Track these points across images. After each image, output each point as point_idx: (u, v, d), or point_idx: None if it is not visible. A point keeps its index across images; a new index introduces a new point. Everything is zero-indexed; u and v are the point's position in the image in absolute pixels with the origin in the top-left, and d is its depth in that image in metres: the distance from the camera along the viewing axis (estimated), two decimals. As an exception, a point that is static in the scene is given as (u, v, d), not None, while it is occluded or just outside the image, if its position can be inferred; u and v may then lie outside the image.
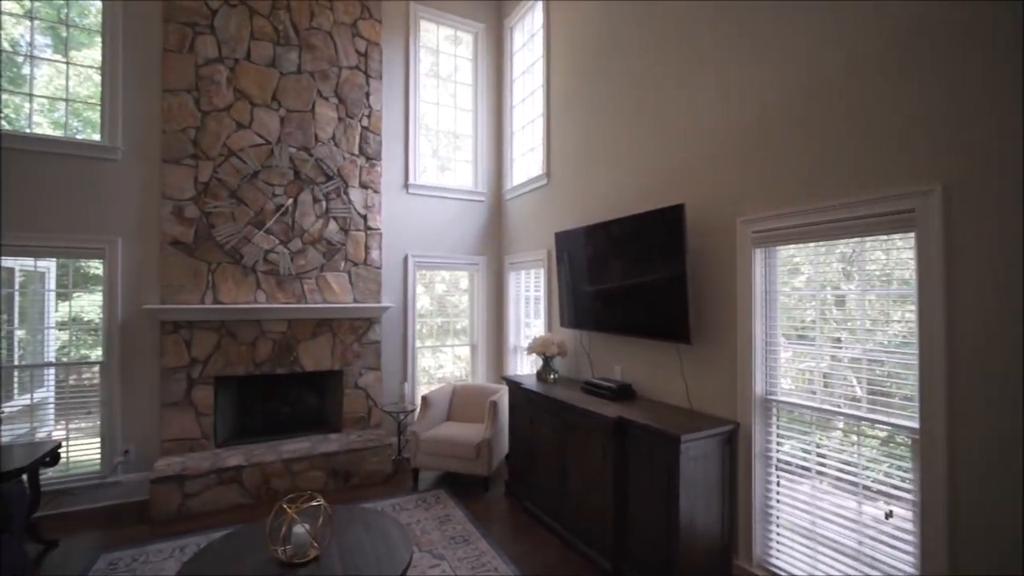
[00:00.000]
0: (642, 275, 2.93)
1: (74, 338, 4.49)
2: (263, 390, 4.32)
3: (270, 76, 4.09)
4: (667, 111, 3.02)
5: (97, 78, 3.79)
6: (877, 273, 2.12)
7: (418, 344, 4.89)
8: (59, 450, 3.19)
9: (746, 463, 2.46)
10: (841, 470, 2.17)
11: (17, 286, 3.71)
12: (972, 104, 1.71)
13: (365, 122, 4.47)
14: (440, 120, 5.09)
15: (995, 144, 1.65)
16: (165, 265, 3.77)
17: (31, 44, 3.67)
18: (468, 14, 5.10)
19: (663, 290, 2.75)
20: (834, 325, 2.28)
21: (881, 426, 2.05)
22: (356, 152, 4.42)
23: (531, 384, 3.64)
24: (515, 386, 3.78)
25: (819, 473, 2.25)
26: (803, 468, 2.32)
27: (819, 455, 2.26)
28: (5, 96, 3.54)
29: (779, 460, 2.42)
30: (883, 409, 2.04)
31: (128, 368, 3.73)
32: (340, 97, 4.36)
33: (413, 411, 4.51)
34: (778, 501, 2.41)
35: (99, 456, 3.70)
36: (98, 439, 3.72)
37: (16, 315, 3.70)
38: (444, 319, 5.25)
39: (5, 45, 3.53)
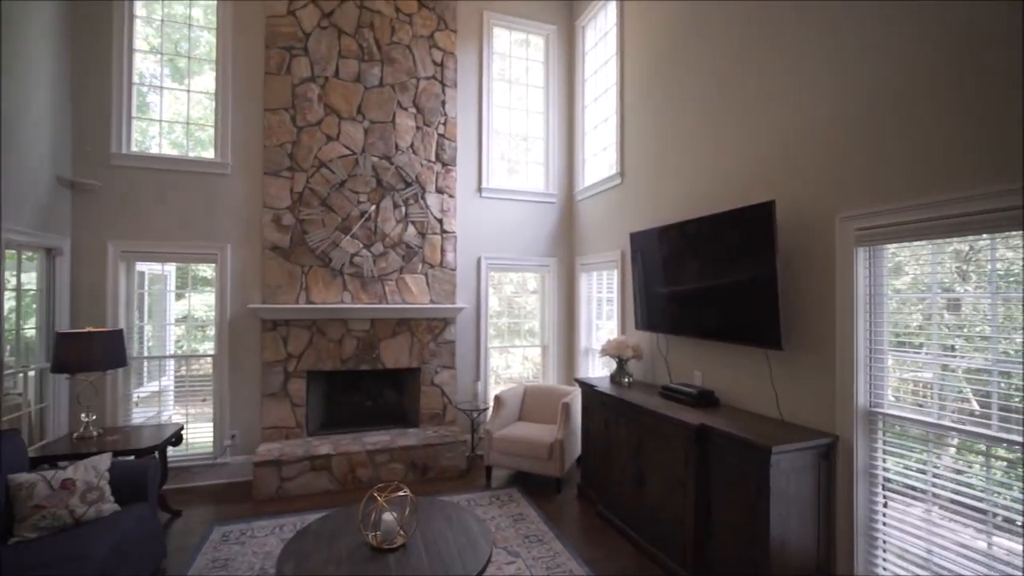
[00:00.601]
0: (726, 276, 2.79)
1: (187, 333, 5.08)
2: (348, 384, 4.63)
3: (355, 91, 4.37)
4: (754, 105, 2.86)
5: (207, 102, 4.25)
6: (1002, 273, 1.87)
7: (490, 344, 4.99)
8: (181, 432, 3.62)
9: (846, 480, 2.27)
10: (961, 493, 1.94)
11: (147, 287, 4.25)
12: None
13: (441, 129, 4.64)
14: (512, 123, 5.17)
15: None
16: (266, 268, 4.14)
17: (159, 76, 4.20)
18: (539, 17, 5.14)
19: (750, 292, 2.61)
20: (945, 331, 2.05)
21: (1011, 446, 1.80)
22: (433, 159, 4.60)
23: (605, 387, 3.59)
24: (588, 388, 3.76)
25: (935, 496, 2.03)
26: (915, 489, 2.10)
27: (935, 475, 2.04)
28: (135, 121, 4.06)
29: (885, 479, 2.21)
30: (1014, 427, 1.80)
31: (235, 361, 4.14)
32: (418, 107, 4.56)
33: (486, 410, 4.61)
34: (884, 524, 2.20)
35: (211, 439, 4.15)
36: (211, 424, 4.17)
37: (146, 313, 4.23)
38: (512, 320, 5.32)
39: (135, 78, 4.04)
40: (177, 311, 4.89)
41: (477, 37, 4.91)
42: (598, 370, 4.87)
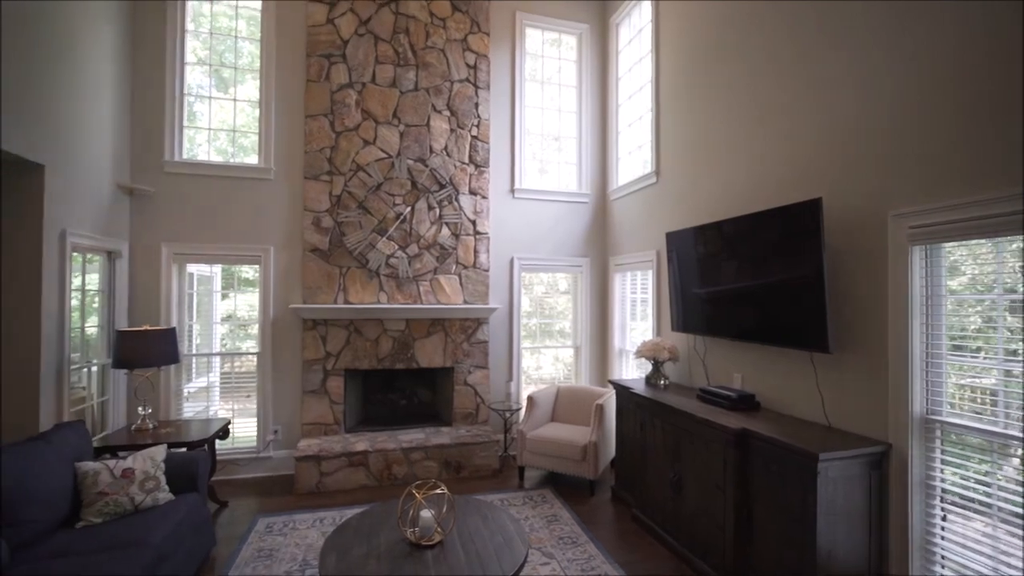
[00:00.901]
0: (768, 277, 2.71)
1: (230, 332, 5.31)
2: (384, 383, 4.73)
3: (391, 95, 4.46)
4: (800, 100, 2.76)
5: (248, 109, 4.43)
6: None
7: (524, 345, 5.00)
8: (228, 426, 3.78)
9: (900, 491, 2.16)
10: (1033, 509, 1.82)
11: (196, 288, 4.46)
12: None
13: (474, 131, 4.69)
14: (544, 123, 5.17)
15: None
16: (306, 270, 4.28)
17: (205, 86, 4.40)
18: (572, 16, 5.12)
19: (794, 293, 2.52)
20: (1008, 335, 1.92)
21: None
22: (466, 160, 4.65)
23: (640, 389, 3.54)
24: (623, 390, 3.71)
25: (999, 510, 1.90)
26: (977, 502, 1.98)
27: (1000, 488, 1.91)
28: (185, 130, 4.27)
29: (943, 490, 2.09)
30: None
31: (277, 359, 4.29)
32: (452, 109, 4.62)
33: (518, 410, 4.62)
34: (943, 538, 2.08)
35: (255, 434, 4.31)
36: (255, 419, 4.34)
37: (194, 312, 4.44)
38: (542, 321, 5.31)
39: (186, 89, 4.26)
40: (222, 311, 5.11)
41: (509, 38, 4.93)
42: (631, 372, 4.80)
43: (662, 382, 3.60)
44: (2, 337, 2.88)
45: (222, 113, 4.46)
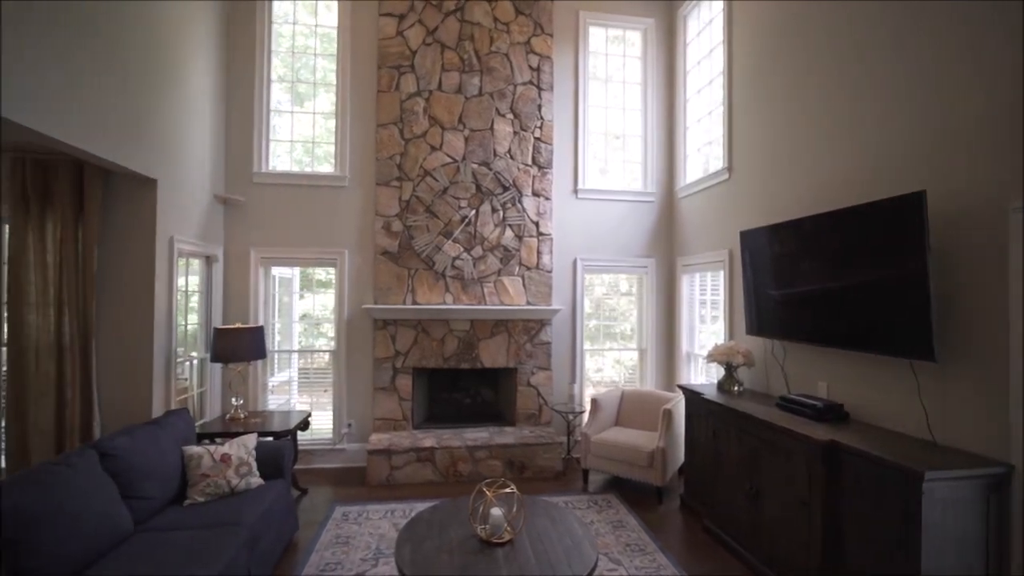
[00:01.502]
0: (860, 278, 2.50)
1: (305, 330, 5.66)
2: (449, 382, 4.85)
3: (457, 101, 4.58)
4: (892, 85, 2.53)
5: (321, 121, 4.71)
6: None
7: (586, 346, 4.95)
8: (308, 419, 4.04)
9: (1024, 518, 1.92)
10: None
11: (277, 288, 4.80)
12: None
13: (537, 133, 4.71)
14: (607, 122, 5.09)
15: None
16: (377, 272, 4.49)
17: (283, 102, 4.74)
18: (637, 11, 5.01)
19: (892, 296, 2.31)
20: None
21: None
22: (529, 162, 4.68)
23: (712, 394, 3.39)
24: (693, 395, 3.57)
25: None
26: None
27: None
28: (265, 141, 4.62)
29: (1081, 521, 1.83)
30: None
31: (351, 356, 4.53)
32: (515, 112, 4.67)
33: (582, 412, 4.57)
34: (1080, 575, 1.82)
35: (331, 426, 4.58)
36: (330, 412, 4.61)
37: (276, 311, 4.78)
38: (602, 322, 5.22)
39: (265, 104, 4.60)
40: (299, 310, 5.47)
41: (573, 39, 4.91)
42: (699, 376, 4.62)
43: (736, 388, 3.43)
44: (123, 333, 3.25)
45: (299, 126, 4.78)
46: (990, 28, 2.08)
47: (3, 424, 3.06)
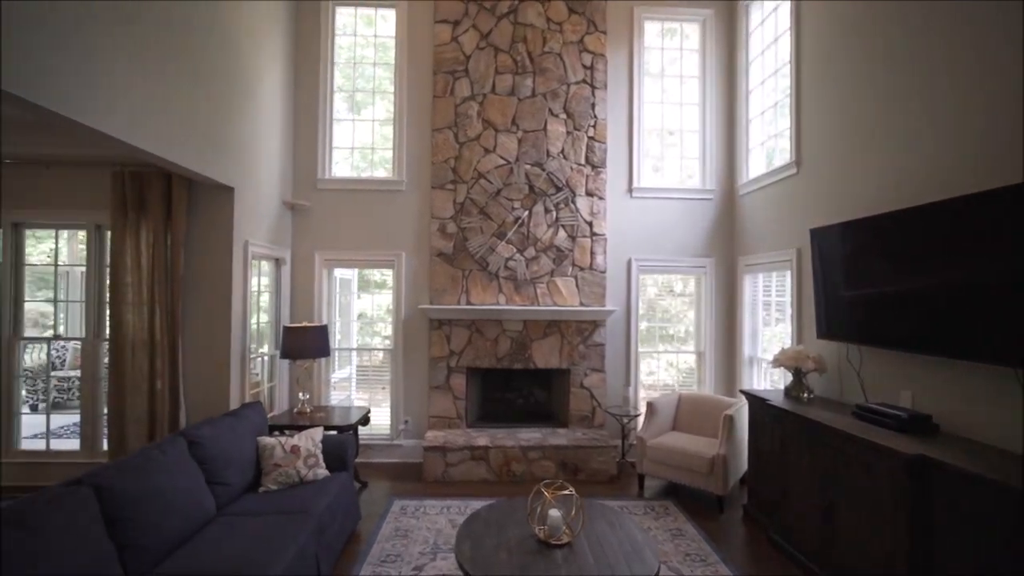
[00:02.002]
0: (958, 278, 2.29)
1: (361, 329, 5.88)
2: (501, 382, 4.89)
3: (510, 103, 4.61)
4: (988, 62, 2.30)
5: (377, 128, 4.87)
6: None
7: (641, 349, 4.84)
8: (368, 415, 4.20)
9: None
10: None
11: (338, 289, 5.02)
12: None
13: (591, 132, 4.66)
14: (663, 119, 4.96)
15: None
16: (432, 273, 4.60)
17: (342, 110, 4.95)
18: (694, 3, 4.85)
19: (996, 298, 2.10)
20: None
21: None
22: (582, 162, 4.64)
23: (778, 401, 3.22)
24: (758, 401, 3.41)
25: None
26: None
27: None
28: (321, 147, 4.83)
29: None
30: None
31: (407, 355, 4.67)
32: (568, 112, 4.64)
33: (637, 416, 4.47)
34: None
35: (388, 423, 4.73)
36: (387, 409, 4.76)
37: (337, 311, 5.00)
38: (654, 324, 5.07)
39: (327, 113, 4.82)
40: (357, 310, 5.70)
41: (627, 35, 4.82)
42: (761, 382, 4.40)
43: (805, 395, 3.24)
44: (204, 330, 3.52)
45: (356, 133, 4.97)
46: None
47: (106, 412, 3.39)
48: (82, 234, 4.02)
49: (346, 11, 4.85)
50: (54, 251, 4.35)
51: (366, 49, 4.94)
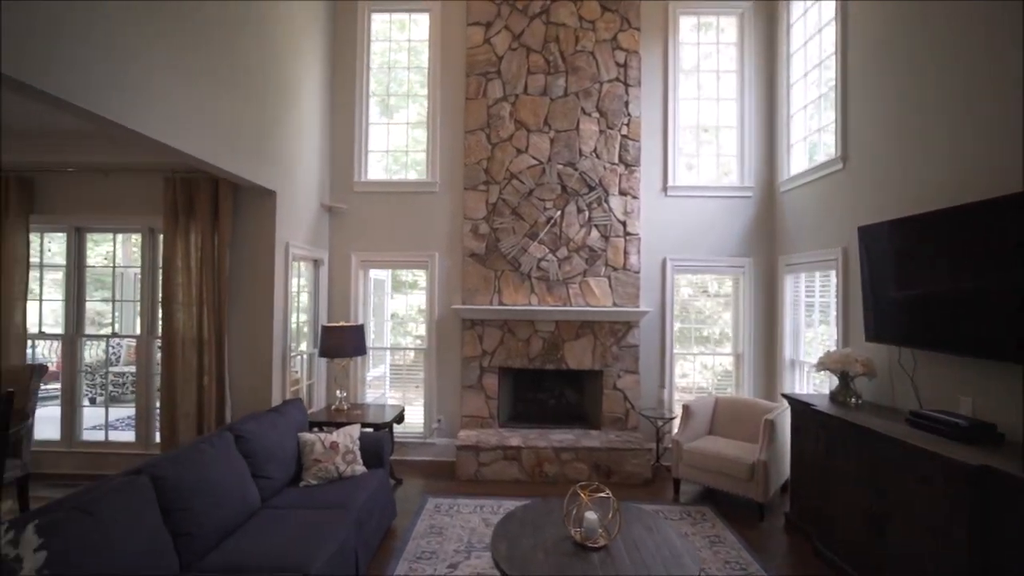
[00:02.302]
0: None
1: (394, 328, 5.98)
2: (533, 382, 4.89)
3: (542, 104, 4.60)
4: (1064, 47, 2.14)
5: (409, 131, 4.94)
6: None
7: (676, 350, 4.74)
8: (403, 413, 4.26)
9: None
10: None
11: (372, 290, 5.12)
12: None
13: (624, 130, 4.60)
14: (699, 115, 4.85)
15: None
16: (465, 273, 4.64)
17: (376, 115, 5.04)
18: (731, -4, 4.73)
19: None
20: None
21: None
22: (616, 161, 4.58)
23: (823, 406, 3.09)
24: (801, 406, 3.28)
25: None
26: None
27: None
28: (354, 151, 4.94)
29: None
30: None
31: (441, 354, 4.72)
32: (601, 111, 4.60)
33: (672, 419, 4.39)
34: None
35: (422, 421, 4.80)
36: (421, 408, 4.83)
37: (371, 311, 5.10)
38: (690, 325, 4.94)
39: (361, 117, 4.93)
40: (390, 310, 5.80)
41: (661, 31, 4.74)
42: (804, 385, 4.23)
43: (853, 400, 3.10)
44: (248, 328, 3.65)
45: (389, 136, 5.06)
46: None
47: (158, 406, 3.57)
48: (136, 237, 4.25)
49: (380, 17, 4.94)
50: (112, 253, 4.61)
51: (399, 54, 5.03)
